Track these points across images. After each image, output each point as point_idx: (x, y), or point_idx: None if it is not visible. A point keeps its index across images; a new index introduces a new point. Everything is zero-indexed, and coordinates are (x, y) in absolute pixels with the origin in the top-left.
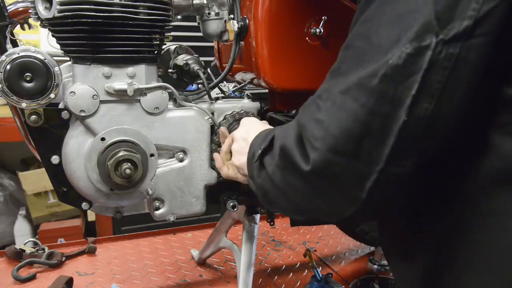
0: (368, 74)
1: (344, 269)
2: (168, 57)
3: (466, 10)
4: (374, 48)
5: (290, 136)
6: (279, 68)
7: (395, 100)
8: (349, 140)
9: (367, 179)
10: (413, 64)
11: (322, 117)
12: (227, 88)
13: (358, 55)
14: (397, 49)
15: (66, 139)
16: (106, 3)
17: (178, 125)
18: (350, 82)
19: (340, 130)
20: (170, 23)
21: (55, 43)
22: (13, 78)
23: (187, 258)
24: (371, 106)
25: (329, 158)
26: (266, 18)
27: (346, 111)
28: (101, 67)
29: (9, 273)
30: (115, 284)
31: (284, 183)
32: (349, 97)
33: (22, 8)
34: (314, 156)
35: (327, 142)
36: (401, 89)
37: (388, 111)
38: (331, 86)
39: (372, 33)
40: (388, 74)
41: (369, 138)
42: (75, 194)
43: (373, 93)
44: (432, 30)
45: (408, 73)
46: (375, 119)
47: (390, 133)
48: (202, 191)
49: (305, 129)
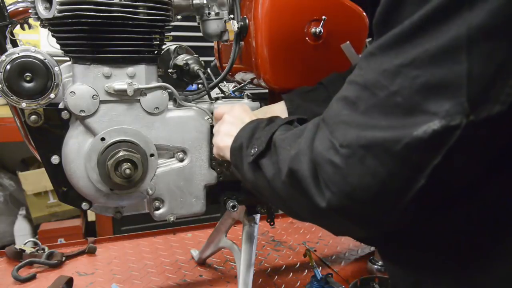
0: (392, 138)
1: (344, 269)
2: (168, 57)
3: (500, 94)
4: (399, 109)
5: (303, 164)
6: (279, 68)
7: (416, 167)
8: (367, 193)
9: (382, 224)
10: (439, 141)
11: (339, 163)
12: (227, 88)
13: (380, 106)
14: (423, 121)
15: (66, 139)
16: (106, 3)
17: (178, 125)
18: (372, 139)
19: (359, 182)
20: (170, 23)
21: (55, 43)
22: (13, 78)
23: (187, 258)
24: (392, 168)
25: (345, 203)
26: (266, 18)
27: (366, 167)
28: (101, 67)
29: (9, 273)
30: (115, 284)
31: (290, 198)
32: (370, 154)
33: (22, 8)
34: (330, 197)
35: (344, 189)
36: (424, 158)
37: (408, 176)
38: (350, 130)
39: (395, 91)
40: (412, 144)
41: (385, 195)
42: (75, 194)
43: (395, 157)
44: (464, 112)
45: (433, 147)
46: (394, 180)
47: (407, 193)
48: (202, 191)
49: (321, 165)
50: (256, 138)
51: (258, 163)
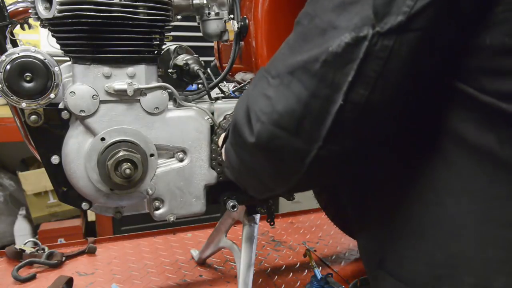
0: (311, 58)
1: (344, 269)
2: (168, 57)
3: (401, 6)
4: (317, 31)
5: (240, 111)
6: None
7: (333, 85)
8: (292, 118)
9: (306, 155)
10: (350, 53)
11: (270, 93)
12: (227, 88)
13: (303, 34)
14: (337, 37)
15: (66, 139)
16: (106, 3)
17: (178, 125)
18: (296, 64)
19: (285, 108)
20: (170, 23)
21: (55, 43)
22: (13, 78)
23: (187, 258)
24: (313, 89)
25: (272, 131)
26: (266, 18)
27: (291, 91)
28: (101, 67)
29: (9, 273)
30: (115, 284)
31: (236, 161)
32: (295, 78)
33: (22, 8)
34: (258, 128)
35: (272, 117)
36: (339, 75)
37: (327, 95)
38: (280, 63)
39: (316, 15)
40: (329, 60)
41: (309, 118)
42: (75, 194)
43: (315, 77)
44: (370, 23)
45: (346, 60)
46: (315, 101)
47: (327, 115)
48: (202, 191)
49: (253, 104)
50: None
51: (225, 150)
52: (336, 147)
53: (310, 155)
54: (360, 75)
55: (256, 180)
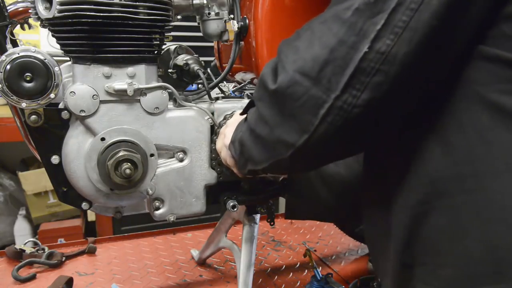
0: (344, 7)
1: (344, 269)
2: (168, 57)
3: None
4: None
5: (268, 67)
6: None
7: (361, 32)
8: (315, 64)
9: (322, 105)
10: (382, 2)
11: (298, 43)
12: (227, 88)
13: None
14: None
15: (66, 139)
16: (106, 3)
17: (178, 125)
18: (328, 14)
19: (311, 54)
20: (170, 23)
21: (55, 43)
22: (13, 78)
23: (187, 258)
24: (341, 35)
25: (294, 78)
26: (266, 18)
27: (319, 39)
28: (101, 67)
29: (9, 273)
30: (115, 284)
31: (256, 117)
32: (325, 26)
33: (22, 8)
34: (281, 76)
35: (296, 64)
36: (368, 23)
37: (353, 42)
38: (314, 19)
39: None
40: (360, 8)
41: (332, 65)
42: (75, 194)
43: (344, 24)
44: None
45: (378, 9)
46: (341, 47)
47: (351, 62)
48: (202, 191)
49: (281, 55)
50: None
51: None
52: (352, 99)
53: (325, 105)
54: (389, 25)
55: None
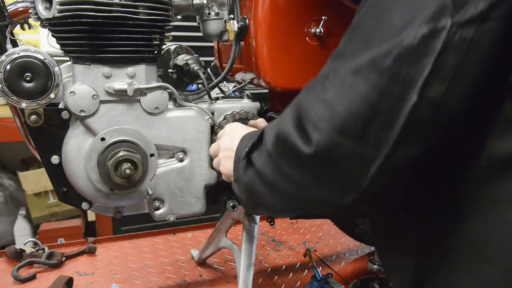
0: (381, 54)
1: (344, 269)
2: (168, 57)
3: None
4: (387, 27)
5: (287, 122)
6: (279, 68)
7: (407, 81)
8: (357, 121)
9: (372, 164)
10: (427, 46)
11: (329, 97)
12: (227, 88)
13: (367, 35)
14: (411, 29)
15: (66, 139)
16: (106, 3)
17: (178, 125)
18: (361, 62)
19: (349, 110)
20: (170, 23)
21: (55, 43)
22: (13, 78)
23: (187, 258)
24: (382, 86)
25: (335, 139)
26: (266, 18)
27: (355, 92)
28: (101, 67)
29: (9, 273)
30: (115, 284)
31: (276, 175)
32: (360, 77)
33: (22, 8)
34: (317, 137)
35: (334, 122)
36: (414, 70)
37: (399, 92)
38: (339, 67)
39: (384, 14)
40: (402, 54)
41: (377, 120)
42: (75, 194)
43: (385, 73)
44: (448, 12)
45: (422, 54)
46: (385, 100)
47: (399, 115)
48: (202, 191)
49: (308, 111)
50: (250, 137)
51: (250, 159)
52: (404, 153)
53: (375, 164)
54: (438, 69)
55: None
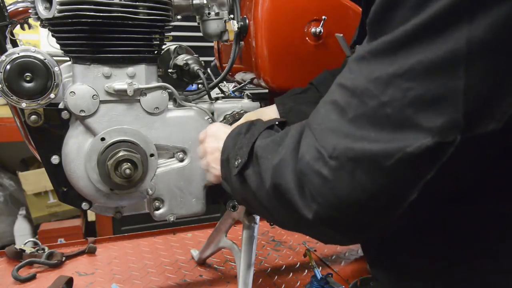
0: (383, 153)
1: (344, 269)
2: (168, 57)
3: (495, 112)
4: (389, 121)
5: (287, 176)
6: (279, 68)
7: (408, 182)
8: (355, 206)
9: (368, 231)
10: (432, 157)
11: (328, 175)
12: (227, 88)
13: (368, 117)
14: (416, 137)
15: (66, 139)
16: (106, 3)
17: (178, 125)
18: (361, 153)
19: (347, 196)
20: (170, 23)
21: (55, 43)
22: (13, 78)
23: (187, 258)
24: (382, 182)
25: (332, 214)
26: (266, 18)
27: (355, 180)
28: (101, 67)
29: (9, 273)
30: (115, 284)
31: (276, 210)
32: (359, 168)
33: (22, 8)
34: (317, 209)
35: (332, 202)
36: (415, 173)
37: (398, 190)
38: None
39: (386, 101)
40: (405, 160)
41: (374, 208)
42: (75, 194)
43: (385, 172)
44: (458, 128)
45: (426, 162)
46: (384, 194)
47: (397, 207)
48: (202, 191)
49: (306, 179)
50: (238, 148)
51: (243, 175)
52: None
53: (373, 231)
54: (439, 174)
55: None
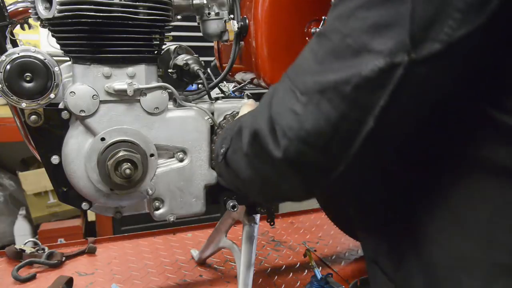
0: (342, 80)
1: (344, 269)
2: (168, 57)
3: (439, 33)
4: (349, 51)
5: (262, 121)
6: (279, 68)
7: (364, 108)
8: (320, 137)
9: (332, 171)
10: (384, 79)
11: (298, 110)
12: (227, 88)
13: (333, 50)
14: (370, 61)
15: (66, 139)
16: (106, 3)
17: (178, 125)
18: (326, 83)
19: (314, 127)
20: (170, 23)
21: (55, 43)
22: (13, 78)
23: (187, 258)
24: (343, 110)
25: (300, 148)
26: (266, 18)
27: (320, 111)
28: (101, 67)
29: (9, 273)
30: (115, 284)
31: (252, 172)
32: (324, 98)
33: (22, 8)
34: (285, 144)
35: (300, 134)
36: (371, 99)
37: (357, 117)
38: (308, 77)
39: (349, 34)
40: (360, 84)
41: (337, 138)
42: (75, 194)
43: (345, 99)
44: (405, 49)
45: (379, 85)
46: (345, 122)
47: (357, 137)
48: (202, 191)
49: (280, 117)
50: (223, 138)
51: (227, 160)
52: (360, 166)
53: (335, 172)
54: (393, 100)
55: (269, 189)
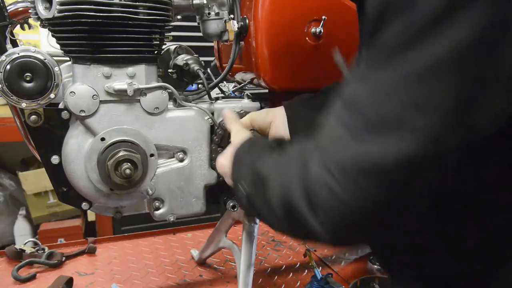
0: (382, 158)
1: (344, 269)
2: (168, 57)
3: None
4: (386, 125)
5: (296, 194)
6: (279, 68)
7: (407, 185)
8: (368, 218)
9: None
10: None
11: (335, 187)
12: (227, 88)
13: (366, 122)
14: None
15: (66, 139)
16: (106, 3)
17: (178, 125)
18: (364, 160)
19: (359, 209)
20: (170, 23)
21: (55, 43)
22: (13, 78)
23: (187, 258)
24: (386, 187)
25: (345, 228)
26: (266, 18)
27: (361, 189)
28: (101, 67)
29: (9, 273)
30: (115, 284)
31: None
32: (364, 176)
33: (22, 8)
34: (326, 221)
35: (344, 216)
36: (413, 177)
37: (407, 199)
38: (342, 153)
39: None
40: (401, 161)
41: (388, 215)
42: (75, 194)
43: (387, 177)
44: (451, 129)
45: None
46: (389, 200)
47: (409, 213)
48: (202, 191)
49: (315, 193)
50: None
51: (251, 202)
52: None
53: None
54: (442, 180)
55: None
